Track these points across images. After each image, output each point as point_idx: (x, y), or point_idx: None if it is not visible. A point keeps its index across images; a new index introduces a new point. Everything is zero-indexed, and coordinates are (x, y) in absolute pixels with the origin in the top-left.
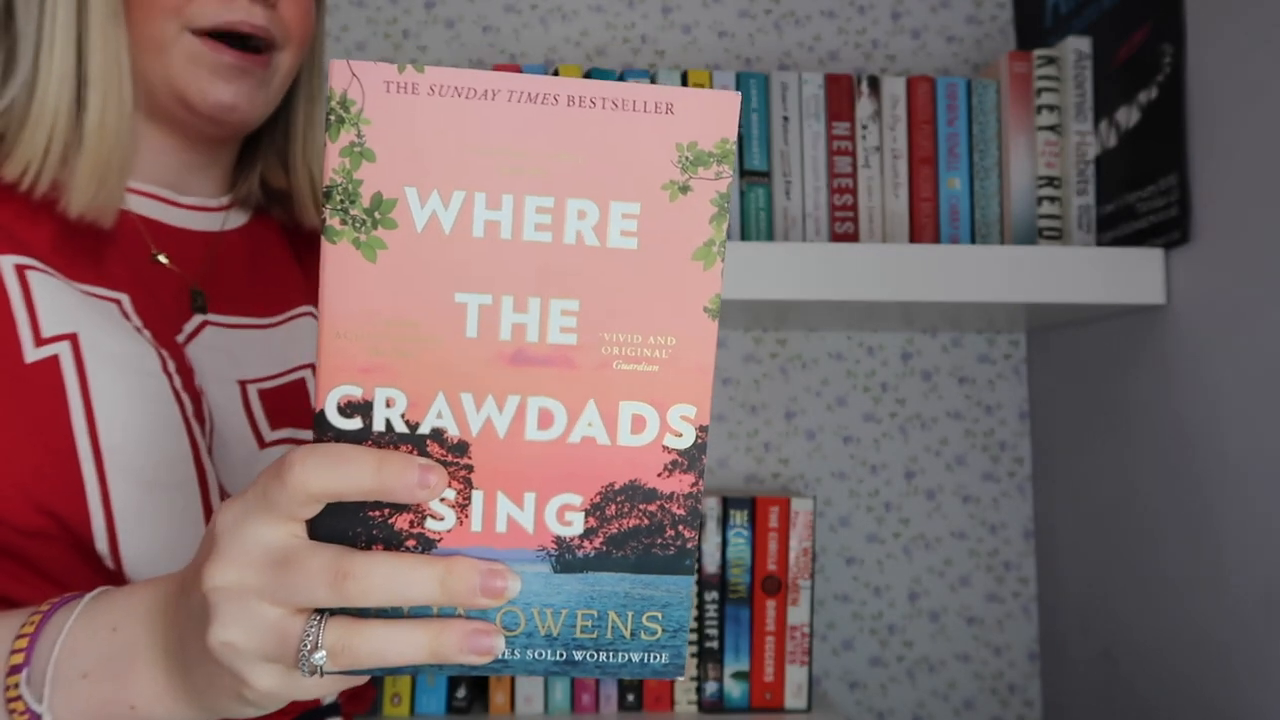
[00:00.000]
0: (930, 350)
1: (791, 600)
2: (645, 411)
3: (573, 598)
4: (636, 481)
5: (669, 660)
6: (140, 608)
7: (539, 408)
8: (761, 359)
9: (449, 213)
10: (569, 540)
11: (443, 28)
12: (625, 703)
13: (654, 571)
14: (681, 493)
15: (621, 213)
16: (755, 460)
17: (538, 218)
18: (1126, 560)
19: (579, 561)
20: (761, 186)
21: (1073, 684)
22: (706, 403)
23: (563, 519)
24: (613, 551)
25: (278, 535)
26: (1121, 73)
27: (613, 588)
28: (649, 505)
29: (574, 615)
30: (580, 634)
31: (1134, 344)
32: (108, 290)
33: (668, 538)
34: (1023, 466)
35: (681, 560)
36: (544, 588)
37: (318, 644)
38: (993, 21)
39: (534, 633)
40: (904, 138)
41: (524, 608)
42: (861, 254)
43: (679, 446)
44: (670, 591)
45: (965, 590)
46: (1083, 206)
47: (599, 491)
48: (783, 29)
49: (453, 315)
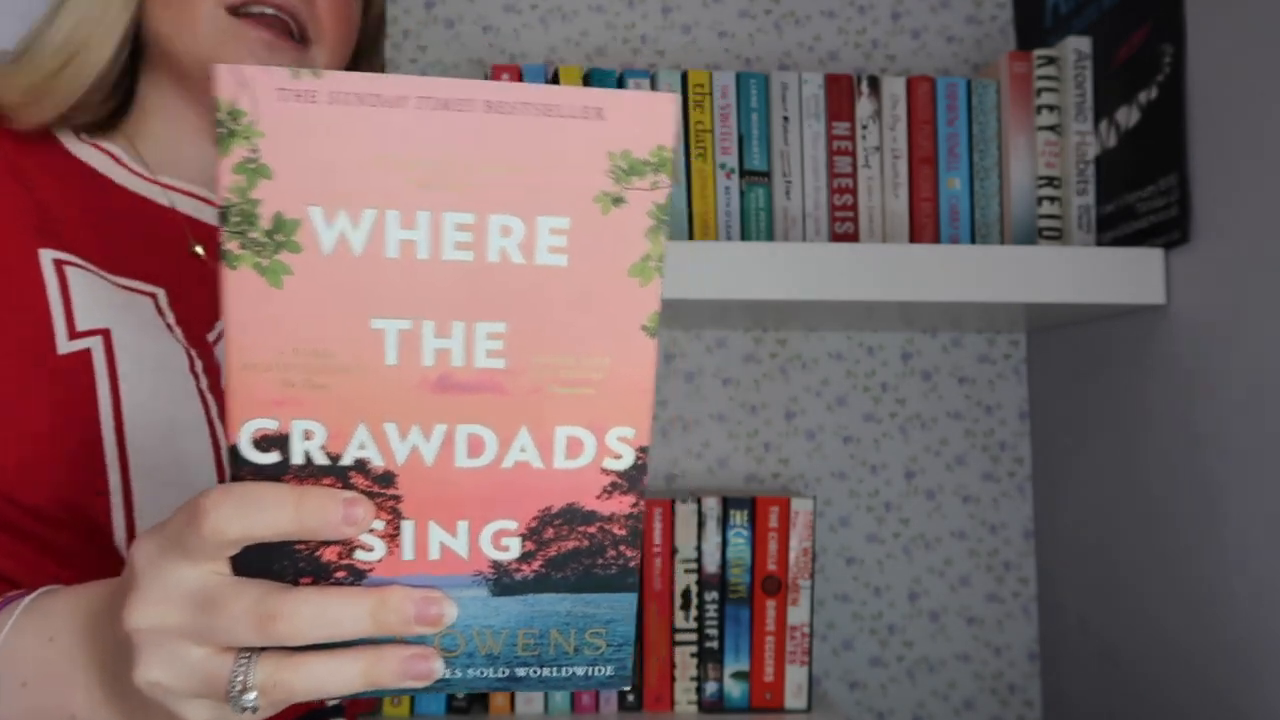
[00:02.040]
0: (930, 350)
1: (791, 600)
2: (582, 435)
3: (513, 619)
4: (575, 504)
5: (614, 672)
6: (77, 619)
7: (468, 435)
8: (761, 359)
9: (359, 232)
10: (506, 565)
11: (442, 28)
12: (625, 703)
13: (596, 591)
14: (622, 514)
15: (550, 228)
16: (755, 460)
17: (458, 235)
18: (1127, 560)
19: (517, 585)
20: (761, 186)
21: (1073, 684)
22: (646, 423)
23: (498, 544)
24: (552, 574)
25: (198, 575)
26: (1121, 72)
27: (553, 608)
28: (588, 527)
29: (515, 635)
30: (522, 652)
31: (1134, 344)
32: (144, 284)
33: (609, 558)
34: (1023, 466)
35: (624, 579)
36: (482, 610)
37: (247, 684)
38: (993, 21)
39: (474, 653)
40: (904, 138)
41: (463, 630)
42: (861, 254)
43: (618, 469)
44: (613, 609)
45: (965, 590)
46: (1083, 206)
47: (535, 516)
48: (783, 29)
49: (370, 343)
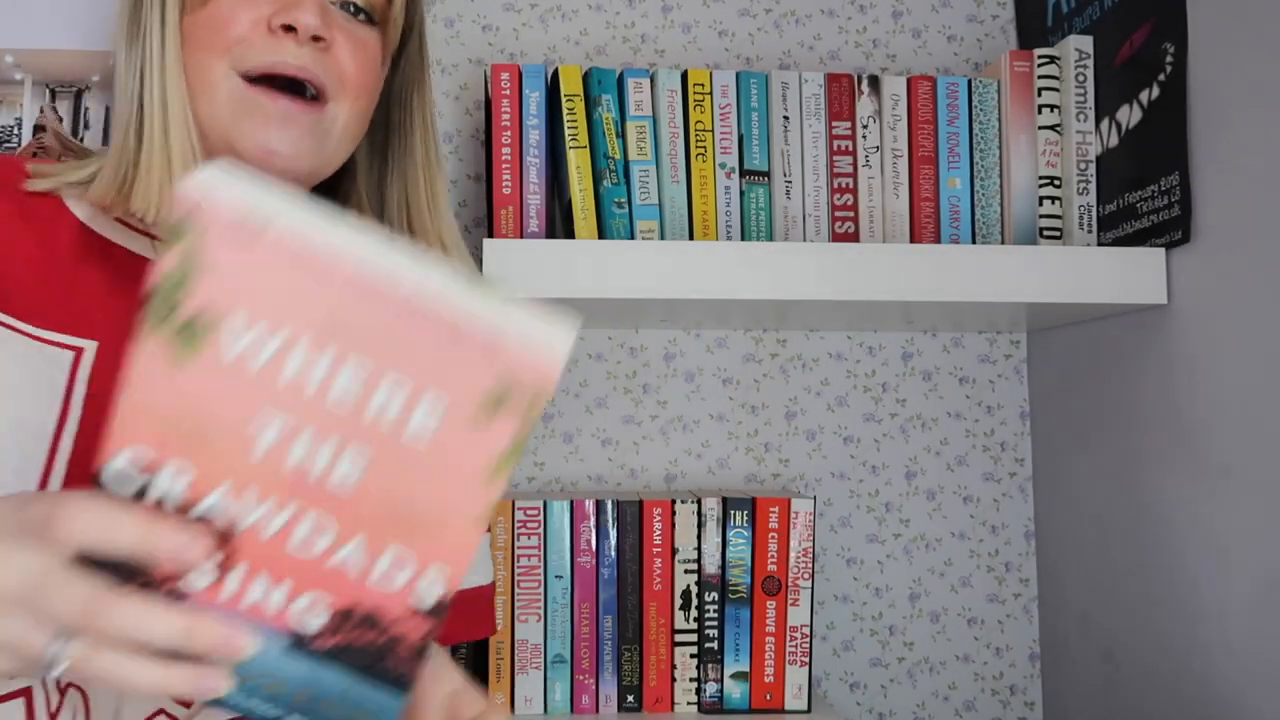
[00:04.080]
0: (930, 350)
1: (792, 601)
2: (406, 560)
3: (297, 675)
4: (377, 614)
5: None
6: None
7: (313, 522)
8: (761, 359)
9: (264, 352)
10: (306, 634)
11: (442, 27)
12: (625, 704)
13: (374, 683)
14: (416, 636)
15: (427, 410)
16: (755, 460)
17: (346, 380)
18: (1127, 561)
19: (310, 652)
20: (761, 186)
21: (1074, 685)
22: (463, 568)
23: (311, 611)
24: (342, 656)
25: (39, 560)
26: (1123, 72)
27: (334, 683)
28: (384, 635)
29: (295, 688)
30: (298, 701)
31: (1135, 344)
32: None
33: (394, 663)
34: (1023, 467)
35: (402, 684)
36: (275, 659)
37: (59, 658)
38: (993, 21)
39: (258, 689)
40: (904, 137)
41: (254, 669)
42: (861, 254)
43: (425, 603)
44: (381, 706)
45: (966, 591)
46: (1084, 206)
47: (345, 607)
48: (783, 28)
49: (242, 439)
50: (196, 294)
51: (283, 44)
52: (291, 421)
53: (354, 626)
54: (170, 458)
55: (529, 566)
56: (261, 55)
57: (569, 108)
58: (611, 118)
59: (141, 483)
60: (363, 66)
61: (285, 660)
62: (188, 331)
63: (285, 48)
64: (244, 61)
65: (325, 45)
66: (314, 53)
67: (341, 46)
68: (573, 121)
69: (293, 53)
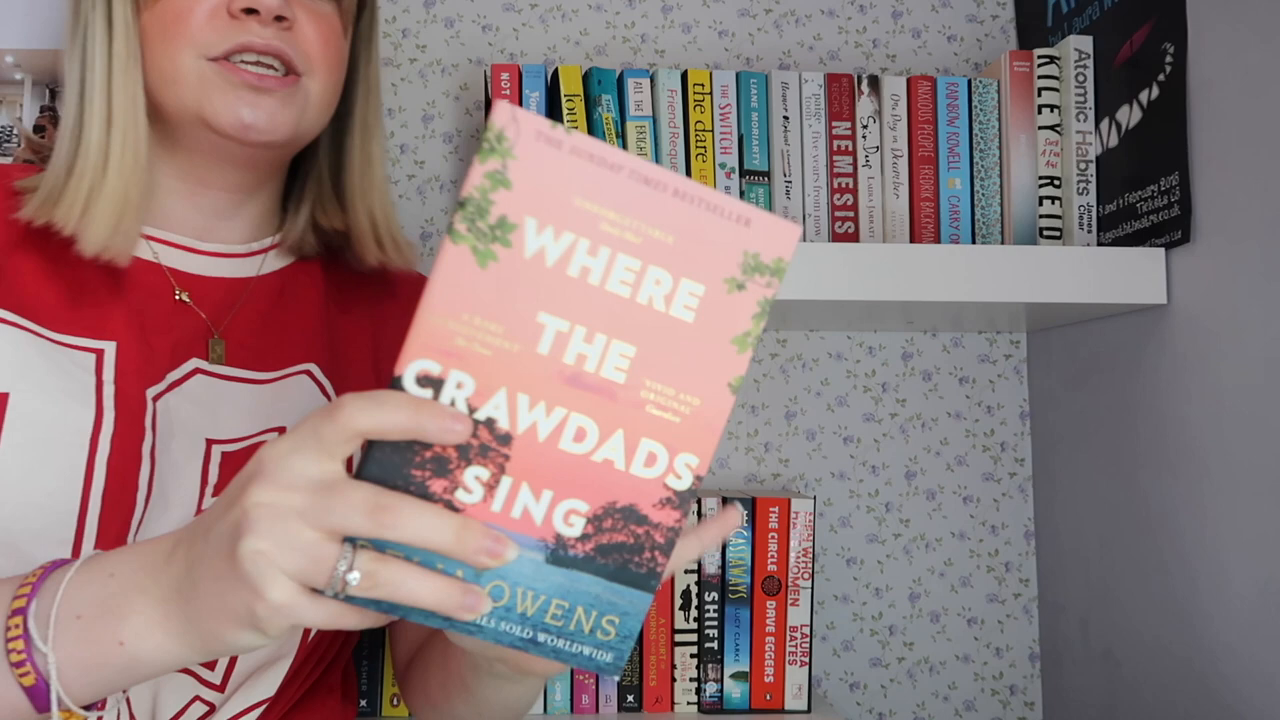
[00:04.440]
0: (930, 350)
1: (791, 601)
2: (659, 451)
3: (553, 587)
4: (634, 506)
5: (613, 660)
6: (140, 554)
7: (578, 424)
8: (761, 359)
9: (556, 248)
10: (566, 539)
11: (442, 27)
12: (625, 703)
13: (625, 584)
14: (667, 525)
15: (689, 290)
16: (755, 460)
17: (624, 274)
18: (1127, 561)
19: (568, 559)
20: (761, 186)
21: (1074, 685)
22: (709, 458)
23: (567, 520)
24: (598, 558)
25: (323, 468)
26: (1123, 72)
27: (588, 588)
28: (638, 528)
29: (549, 602)
30: (549, 620)
31: (1135, 344)
32: (94, 341)
33: (644, 559)
34: (1023, 467)
35: (650, 580)
36: (533, 573)
37: (352, 565)
38: (993, 21)
39: (512, 609)
40: (904, 137)
41: (511, 585)
42: (861, 254)
43: (677, 487)
44: (632, 603)
45: (966, 591)
46: (1084, 206)
47: (603, 506)
48: (783, 28)
49: (532, 331)
50: (503, 199)
51: (246, 26)
52: (573, 315)
53: (610, 526)
54: (453, 369)
55: None
56: (226, 39)
57: (569, 108)
58: (611, 118)
59: (429, 394)
60: (327, 40)
61: (544, 571)
62: (494, 233)
63: (250, 29)
64: (210, 48)
65: (288, 24)
66: (278, 32)
67: (304, 24)
68: (573, 121)
69: (258, 33)
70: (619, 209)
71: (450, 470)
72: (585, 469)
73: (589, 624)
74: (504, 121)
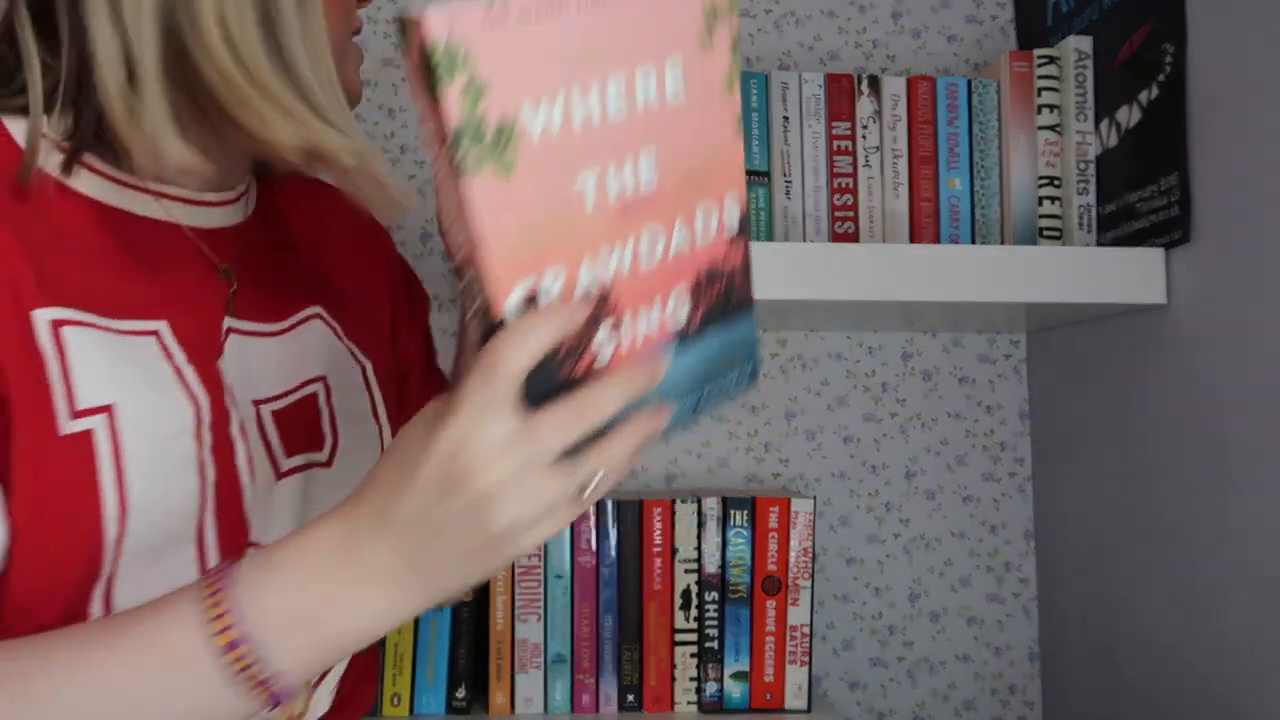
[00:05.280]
0: (930, 350)
1: (792, 600)
2: (710, 208)
3: (692, 362)
4: (712, 267)
5: (753, 369)
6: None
7: (646, 241)
8: (761, 359)
9: (555, 116)
10: (682, 329)
11: None
12: (625, 703)
13: (733, 320)
14: (737, 260)
15: (672, 72)
16: (755, 460)
17: (617, 97)
18: (1127, 560)
19: (690, 338)
20: (761, 186)
21: (1073, 685)
22: (743, 185)
23: (676, 316)
24: (708, 319)
25: (511, 423)
26: (1122, 72)
27: (711, 344)
28: (722, 278)
29: (695, 368)
30: (701, 380)
31: (1135, 344)
32: (146, 322)
33: (737, 293)
34: (1023, 467)
35: (748, 306)
36: (675, 364)
37: (594, 470)
38: (993, 21)
39: (678, 393)
40: (904, 137)
41: (668, 382)
42: (861, 254)
43: (734, 229)
44: (745, 325)
45: (966, 591)
46: (1083, 206)
47: (693, 284)
48: (783, 28)
49: (576, 199)
50: (489, 105)
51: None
52: (597, 162)
53: (704, 292)
54: (546, 268)
55: (529, 566)
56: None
57: None
58: None
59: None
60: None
61: (681, 358)
62: (501, 140)
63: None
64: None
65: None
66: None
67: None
68: None
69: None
70: (584, 41)
71: (583, 350)
72: (667, 270)
73: (724, 362)
74: (444, 31)
